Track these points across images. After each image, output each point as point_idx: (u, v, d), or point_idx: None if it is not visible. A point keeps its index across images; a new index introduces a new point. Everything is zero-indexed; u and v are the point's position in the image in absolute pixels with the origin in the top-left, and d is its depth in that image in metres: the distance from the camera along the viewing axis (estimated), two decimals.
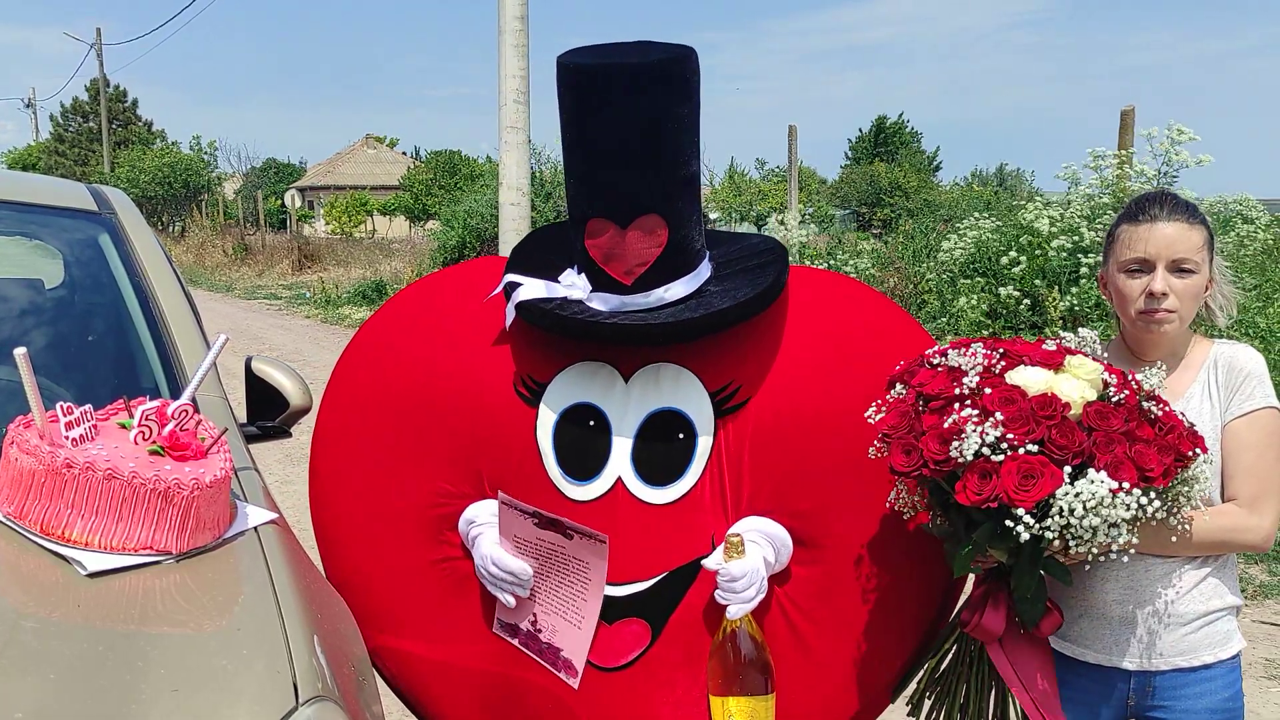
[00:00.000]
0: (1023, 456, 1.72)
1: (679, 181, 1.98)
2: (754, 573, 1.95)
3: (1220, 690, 2.03)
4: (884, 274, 10.12)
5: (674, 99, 1.94)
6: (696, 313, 1.99)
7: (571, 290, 2.04)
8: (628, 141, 1.92)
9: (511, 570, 2.03)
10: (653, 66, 1.90)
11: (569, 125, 1.99)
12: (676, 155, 1.96)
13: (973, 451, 1.73)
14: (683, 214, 2.00)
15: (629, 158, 1.93)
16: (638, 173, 1.94)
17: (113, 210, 2.81)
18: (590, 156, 1.98)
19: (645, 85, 1.90)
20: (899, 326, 2.19)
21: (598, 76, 1.92)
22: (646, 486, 2.04)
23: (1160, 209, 2.03)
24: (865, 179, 34.82)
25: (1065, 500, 1.70)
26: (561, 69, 1.95)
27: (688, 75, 1.95)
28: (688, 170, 1.99)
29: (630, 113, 1.90)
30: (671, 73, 1.92)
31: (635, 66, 1.90)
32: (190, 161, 40.42)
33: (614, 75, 1.90)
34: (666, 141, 1.94)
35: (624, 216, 1.96)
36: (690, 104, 1.97)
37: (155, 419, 1.82)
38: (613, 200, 1.97)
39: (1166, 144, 7.81)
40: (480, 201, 18.29)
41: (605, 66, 1.92)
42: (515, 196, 10.20)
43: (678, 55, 1.93)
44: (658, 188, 1.96)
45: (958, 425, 1.76)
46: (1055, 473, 1.71)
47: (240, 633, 1.58)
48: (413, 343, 2.23)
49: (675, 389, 2.06)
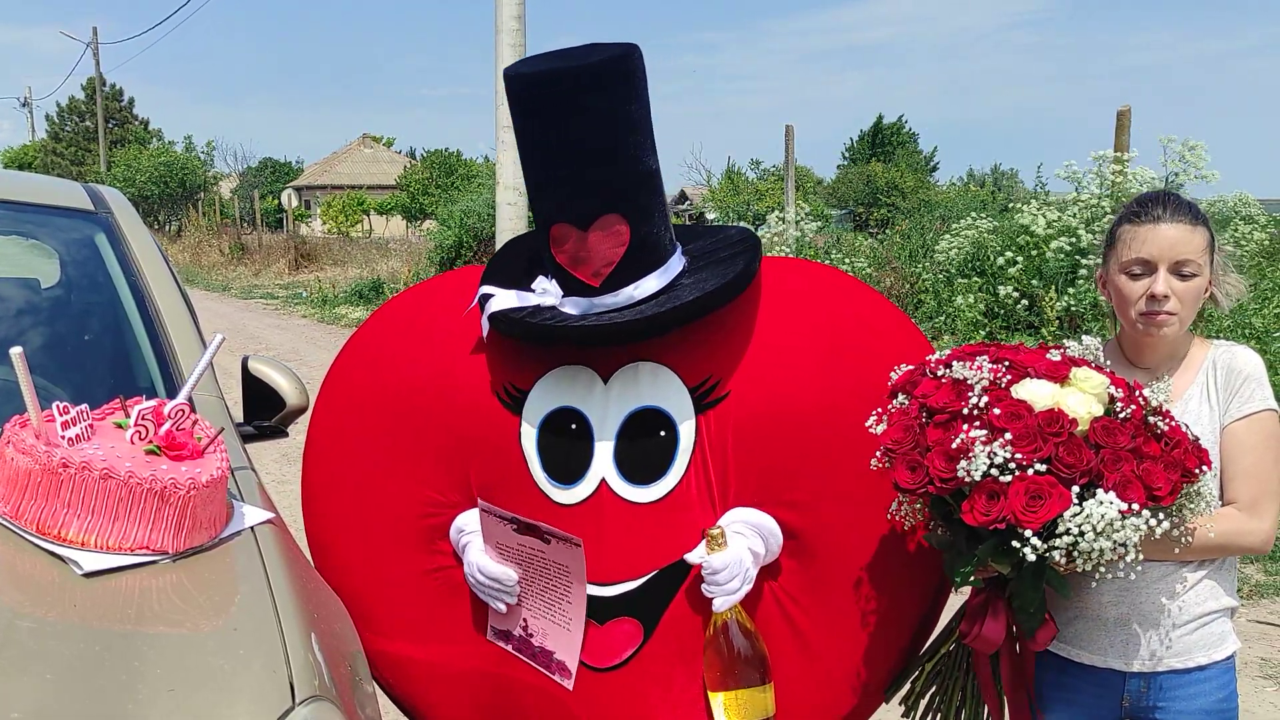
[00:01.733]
0: (1030, 477, 1.71)
1: (635, 178, 1.99)
2: (737, 564, 1.95)
3: (1215, 691, 2.03)
4: (880, 273, 10.13)
5: (620, 97, 1.94)
6: (664, 307, 2.00)
7: (544, 297, 2.05)
8: (578, 144, 1.94)
9: (495, 577, 2.04)
10: (594, 67, 1.91)
11: (521, 135, 2.01)
12: (629, 152, 1.97)
13: (981, 472, 1.72)
14: (644, 210, 2.00)
15: (581, 161, 1.95)
16: (591, 175, 1.95)
17: (109, 209, 2.81)
18: (543, 163, 2.00)
19: (589, 86, 1.91)
20: (882, 316, 2.18)
21: (541, 83, 1.93)
22: (631, 486, 2.04)
23: (1163, 209, 2.01)
24: (862, 179, 34.85)
25: (1074, 522, 1.69)
26: (508, 80, 1.98)
27: (631, 73, 1.96)
28: (643, 166, 2.00)
29: (577, 115, 1.92)
30: (614, 71, 1.93)
31: (577, 69, 1.91)
32: (187, 161, 40.40)
33: (557, 80, 1.92)
34: (617, 141, 1.95)
35: (583, 219, 1.97)
36: (638, 101, 1.97)
37: (151, 419, 1.82)
38: (570, 204, 1.98)
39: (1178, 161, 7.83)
40: (477, 201, 18.29)
41: (547, 72, 1.93)
42: (512, 196, 10.21)
43: (620, 54, 1.94)
44: (613, 187, 1.97)
45: (965, 446, 1.75)
46: (1063, 494, 1.70)
47: (237, 632, 1.58)
48: (402, 351, 2.24)
49: (654, 387, 2.06)
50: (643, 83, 1.99)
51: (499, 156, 10.38)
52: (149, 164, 38.77)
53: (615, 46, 1.96)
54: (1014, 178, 37.75)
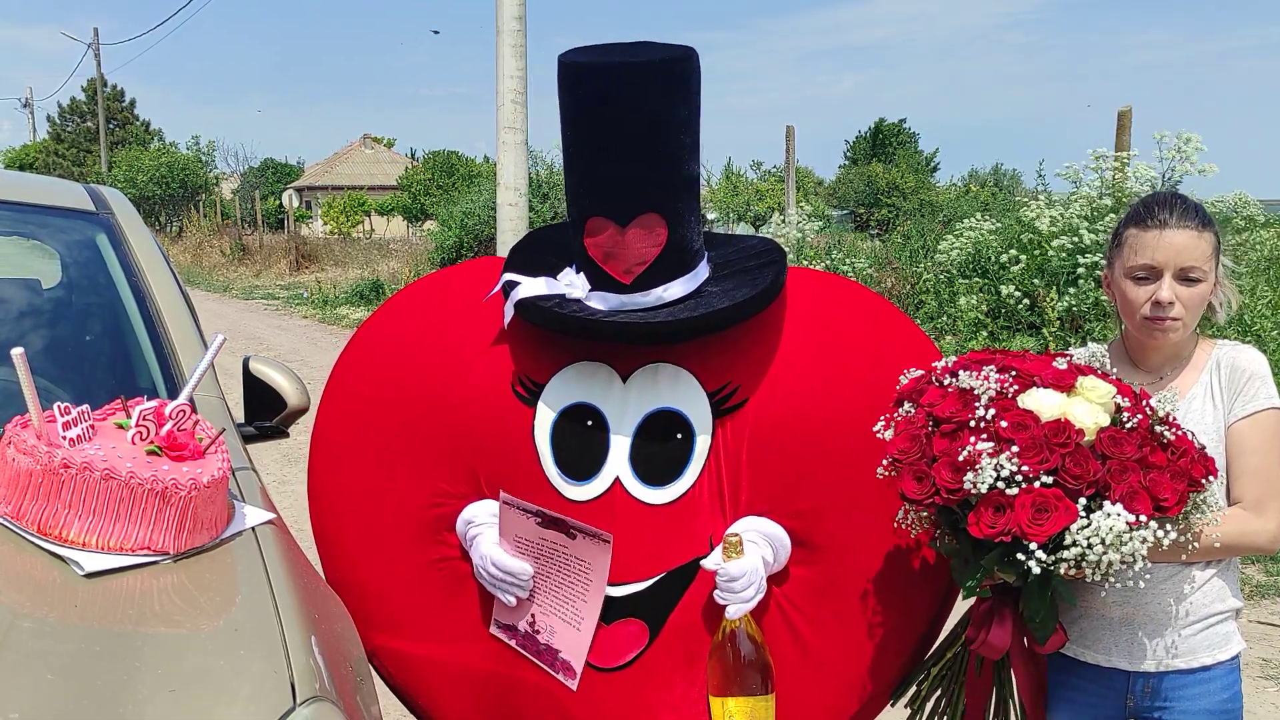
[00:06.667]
0: (1037, 490, 1.70)
1: (678, 181, 1.98)
2: (753, 572, 1.95)
3: (1219, 692, 2.03)
4: (881, 274, 10.12)
5: (674, 98, 1.94)
6: (696, 312, 1.99)
7: (571, 289, 2.04)
8: (628, 140, 1.92)
9: (511, 571, 2.03)
10: (653, 65, 1.91)
11: (569, 124, 1.99)
12: (676, 154, 1.97)
13: (987, 485, 1.72)
14: (682, 214, 2.00)
15: (629, 156, 1.93)
16: (638, 171, 1.94)
17: (110, 210, 2.81)
18: (590, 155, 1.98)
19: (645, 84, 1.90)
20: (897, 329, 2.19)
21: (598, 75, 1.92)
22: (644, 486, 2.04)
23: (1170, 214, 1.98)
24: (862, 179, 34.85)
25: (1082, 535, 1.69)
26: (562, 67, 1.95)
27: (688, 75, 1.95)
28: (687, 170, 2.00)
29: (630, 111, 1.90)
30: (672, 72, 1.93)
31: (636, 65, 1.91)
32: (188, 161, 40.42)
33: (615, 73, 1.90)
34: (666, 140, 1.94)
35: (624, 215, 1.96)
36: (690, 104, 1.97)
37: (153, 419, 1.82)
38: (613, 198, 1.97)
39: (1174, 151, 7.81)
40: (478, 202, 18.27)
41: (606, 65, 1.92)
42: (513, 197, 10.20)
43: (678, 55, 1.94)
44: (658, 186, 1.96)
45: (972, 458, 1.74)
46: (1069, 507, 1.70)
47: (238, 633, 1.57)
48: (410, 343, 2.23)
49: (673, 389, 2.06)
50: (696, 86, 1.98)
51: (500, 156, 10.37)
52: (150, 165, 38.79)
53: (674, 48, 1.95)
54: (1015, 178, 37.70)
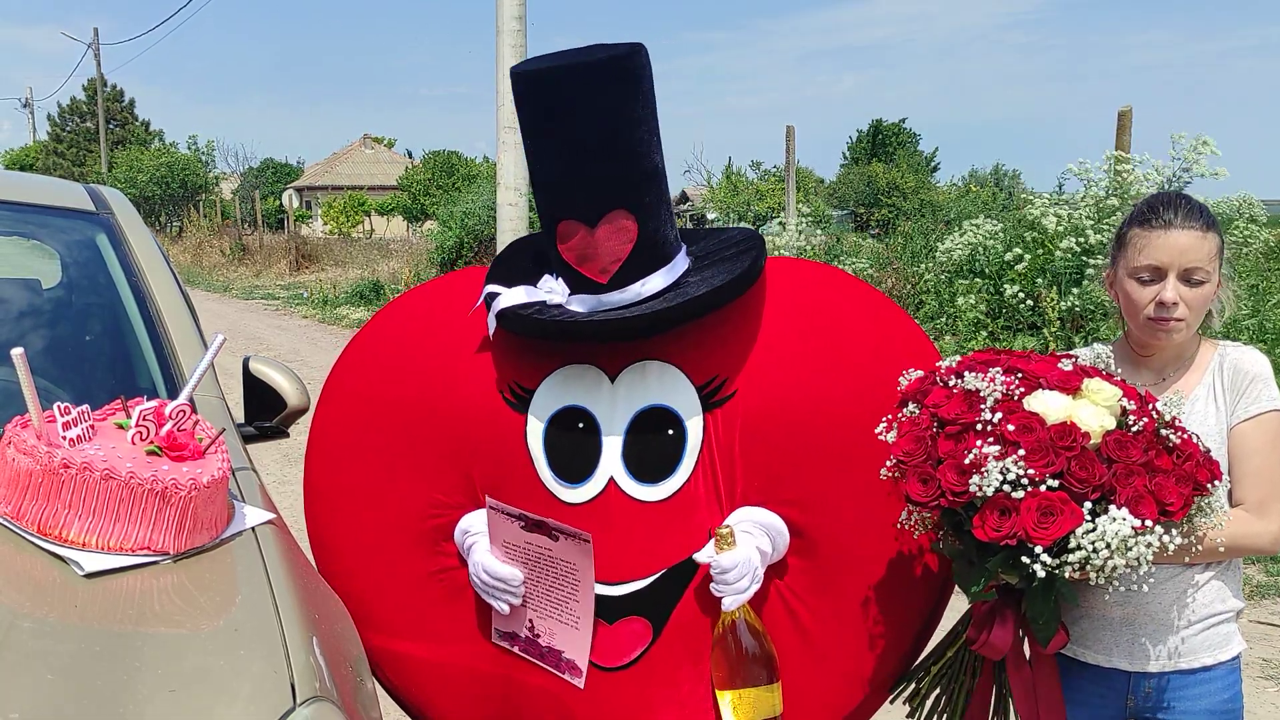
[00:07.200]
0: (1042, 493, 1.70)
1: (642, 175, 1.99)
2: (746, 563, 1.95)
3: (1220, 692, 2.03)
4: (882, 274, 10.12)
5: (626, 94, 1.95)
6: (672, 303, 2.01)
7: (551, 295, 2.05)
8: (586, 140, 1.94)
9: (501, 577, 2.04)
10: (602, 64, 1.92)
11: (529, 133, 2.02)
12: (635, 149, 1.98)
13: (993, 488, 1.72)
14: (650, 207, 2.01)
15: (589, 156, 1.95)
16: (599, 170, 1.96)
17: (110, 210, 2.81)
18: (552, 160, 2.00)
19: (597, 83, 1.92)
20: (886, 316, 2.19)
21: (550, 79, 1.94)
22: (639, 484, 2.04)
23: (1174, 214, 1.98)
24: (863, 179, 34.86)
25: (1087, 539, 1.69)
26: (514, 78, 1.98)
27: (638, 70, 1.96)
28: (649, 163, 2.01)
29: (584, 112, 1.92)
30: (622, 68, 1.94)
31: (585, 65, 1.92)
32: (188, 161, 40.45)
33: (566, 76, 1.92)
34: (624, 136, 1.96)
35: (592, 215, 1.98)
36: (643, 98, 1.98)
37: (153, 419, 1.82)
38: (579, 200, 1.99)
39: (1190, 152, 7.79)
40: (478, 202, 18.28)
41: (556, 69, 1.94)
42: (513, 197, 10.21)
43: (625, 51, 1.95)
44: (621, 183, 1.97)
45: (978, 461, 1.74)
46: (1075, 510, 1.70)
47: (238, 633, 1.57)
48: (411, 345, 2.24)
49: (662, 385, 2.06)
50: (648, 81, 1.99)
51: (499, 156, 10.38)
52: (150, 165, 38.82)
53: (621, 45, 1.96)
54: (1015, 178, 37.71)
